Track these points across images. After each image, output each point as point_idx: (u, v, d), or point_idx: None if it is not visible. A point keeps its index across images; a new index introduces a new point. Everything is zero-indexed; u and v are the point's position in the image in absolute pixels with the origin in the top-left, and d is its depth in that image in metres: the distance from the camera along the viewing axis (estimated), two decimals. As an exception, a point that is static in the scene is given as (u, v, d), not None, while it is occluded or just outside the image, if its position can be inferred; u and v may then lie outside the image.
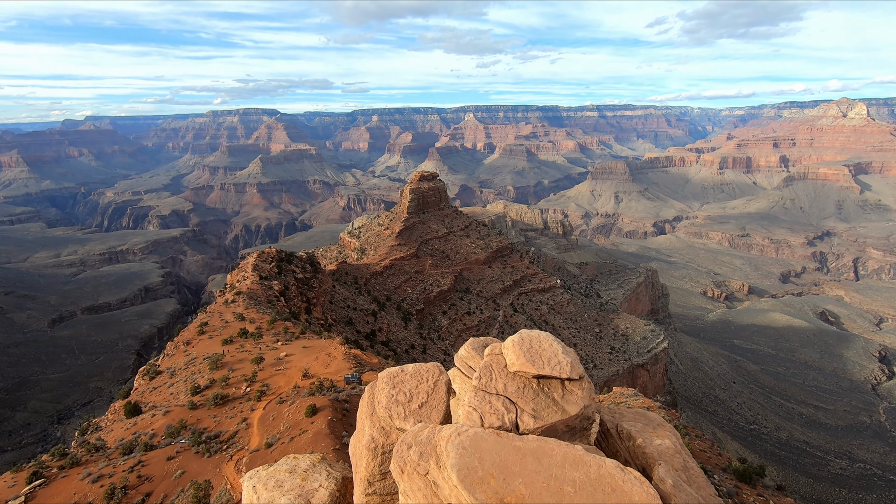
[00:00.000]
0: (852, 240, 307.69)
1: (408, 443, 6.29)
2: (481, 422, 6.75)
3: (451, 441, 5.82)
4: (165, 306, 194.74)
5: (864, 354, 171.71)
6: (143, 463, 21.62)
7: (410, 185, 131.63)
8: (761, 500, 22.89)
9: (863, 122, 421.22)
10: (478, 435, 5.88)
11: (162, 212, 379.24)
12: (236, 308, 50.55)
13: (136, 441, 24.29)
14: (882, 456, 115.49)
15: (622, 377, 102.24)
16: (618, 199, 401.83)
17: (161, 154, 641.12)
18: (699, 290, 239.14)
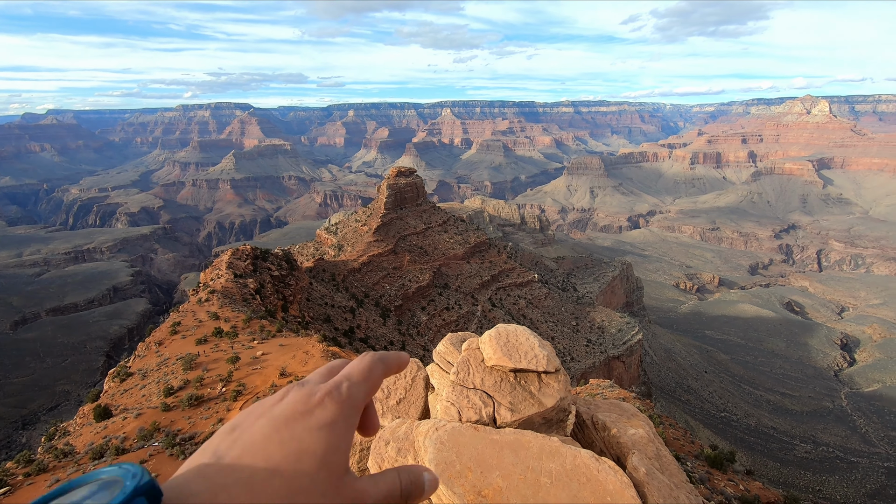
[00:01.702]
0: (816, 232, 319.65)
1: (385, 439, 6.29)
2: (459, 416, 6.79)
3: (429, 436, 5.84)
4: (136, 306, 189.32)
5: (827, 342, 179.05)
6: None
7: (388, 180, 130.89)
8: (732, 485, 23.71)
9: (825, 119, 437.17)
10: (455, 429, 5.91)
11: (130, 209, 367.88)
12: (210, 307, 49.50)
13: (107, 445, 23.61)
14: (843, 439, 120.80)
15: (599, 369, 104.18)
16: (593, 194, 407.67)
17: (128, 149, 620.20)
18: (672, 282, 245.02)
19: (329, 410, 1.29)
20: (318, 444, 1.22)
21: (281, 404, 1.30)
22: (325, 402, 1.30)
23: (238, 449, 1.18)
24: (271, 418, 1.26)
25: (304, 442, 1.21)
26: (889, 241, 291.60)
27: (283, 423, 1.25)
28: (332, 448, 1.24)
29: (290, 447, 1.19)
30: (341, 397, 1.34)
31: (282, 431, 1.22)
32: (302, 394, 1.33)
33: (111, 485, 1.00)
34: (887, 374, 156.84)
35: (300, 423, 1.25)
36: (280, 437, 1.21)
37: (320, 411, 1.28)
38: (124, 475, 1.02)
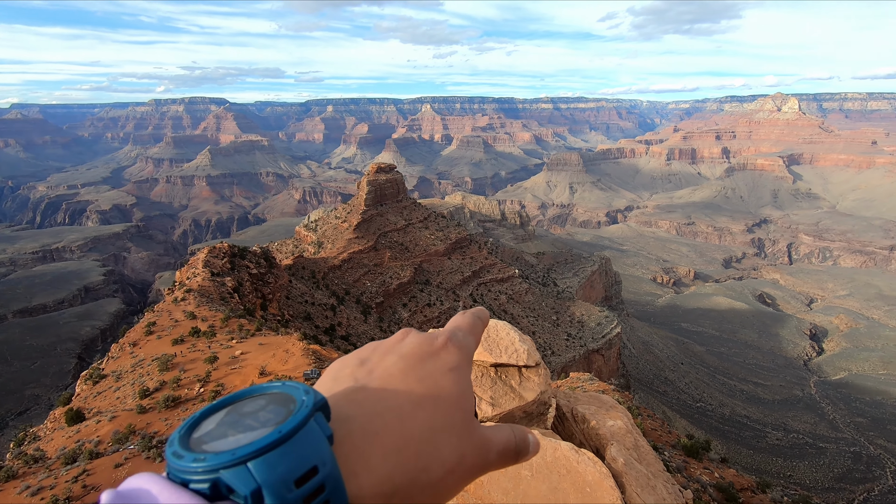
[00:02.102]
0: (786, 226, 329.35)
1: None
2: (441, 412, 6.80)
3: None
4: (108, 306, 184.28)
5: (797, 333, 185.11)
6: (88, 472, 20.49)
7: (367, 176, 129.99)
8: (707, 473, 24.38)
9: (795, 116, 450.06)
10: (437, 425, 5.92)
11: (101, 206, 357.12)
12: (187, 306, 48.52)
13: (80, 449, 22.99)
14: (812, 426, 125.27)
15: (579, 362, 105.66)
16: (572, 189, 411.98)
17: (98, 145, 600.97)
18: (649, 276, 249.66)
19: (453, 354, 1.32)
20: (451, 386, 1.24)
21: (404, 344, 1.33)
22: (449, 346, 1.33)
23: (378, 380, 1.20)
24: (402, 356, 1.27)
25: (439, 381, 1.23)
26: (854, 234, 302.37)
27: (416, 360, 1.26)
28: (462, 391, 1.27)
29: (428, 384, 1.22)
30: (460, 343, 1.37)
31: (417, 369, 1.24)
32: (423, 337, 1.36)
33: (283, 399, 1.02)
34: (853, 363, 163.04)
35: (431, 363, 1.27)
36: (417, 374, 1.23)
37: (446, 354, 1.30)
38: (293, 391, 1.03)
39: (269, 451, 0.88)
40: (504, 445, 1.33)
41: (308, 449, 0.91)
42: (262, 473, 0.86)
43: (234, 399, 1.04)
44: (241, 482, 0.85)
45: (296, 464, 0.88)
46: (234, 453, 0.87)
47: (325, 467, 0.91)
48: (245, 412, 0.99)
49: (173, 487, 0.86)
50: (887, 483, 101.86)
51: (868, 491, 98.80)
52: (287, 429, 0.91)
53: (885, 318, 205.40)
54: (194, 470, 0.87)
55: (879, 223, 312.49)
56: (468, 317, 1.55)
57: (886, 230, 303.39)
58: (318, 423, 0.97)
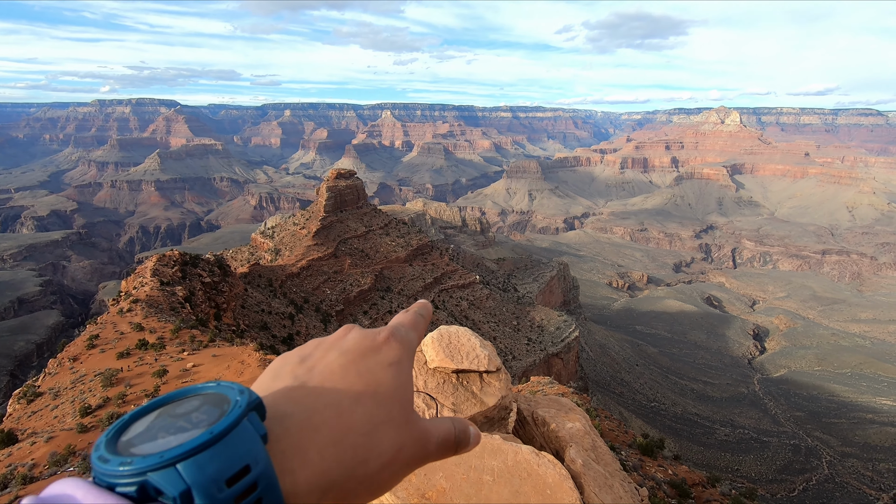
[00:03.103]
0: (730, 232, 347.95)
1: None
2: (402, 420, 6.74)
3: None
4: (45, 319, 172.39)
5: (742, 333, 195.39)
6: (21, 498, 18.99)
7: (327, 182, 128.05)
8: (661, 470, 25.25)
9: (736, 129, 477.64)
10: (398, 433, 5.86)
11: (38, 212, 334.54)
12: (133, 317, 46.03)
13: (12, 474, 21.29)
14: (756, 421, 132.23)
15: (539, 366, 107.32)
16: (531, 196, 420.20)
17: (35, 147, 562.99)
18: (605, 281, 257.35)
19: (395, 349, 1.33)
20: (391, 380, 1.26)
21: (346, 340, 1.34)
22: (391, 342, 1.35)
23: (318, 377, 1.21)
24: (343, 352, 1.29)
25: (379, 376, 1.25)
26: (791, 239, 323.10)
27: (357, 356, 1.27)
28: (402, 385, 1.29)
29: (367, 379, 1.23)
30: (402, 338, 1.39)
31: (358, 364, 1.26)
32: (365, 333, 1.38)
33: (217, 400, 1.00)
34: (792, 360, 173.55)
35: (371, 359, 1.28)
36: (357, 369, 1.24)
37: (387, 349, 1.32)
38: (227, 391, 1.02)
39: (198, 452, 0.87)
40: (444, 437, 1.36)
41: (240, 449, 0.90)
42: (192, 474, 0.84)
43: (167, 400, 1.02)
44: (169, 484, 0.83)
45: (227, 464, 0.88)
46: (163, 456, 0.85)
47: (258, 466, 0.91)
48: (177, 414, 0.97)
49: (99, 491, 0.84)
50: (824, 473, 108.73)
51: (807, 481, 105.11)
52: (219, 430, 0.90)
53: (819, 317, 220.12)
54: (121, 473, 0.85)
55: (813, 229, 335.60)
56: (410, 314, 1.57)
57: (819, 235, 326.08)
58: (252, 423, 0.96)
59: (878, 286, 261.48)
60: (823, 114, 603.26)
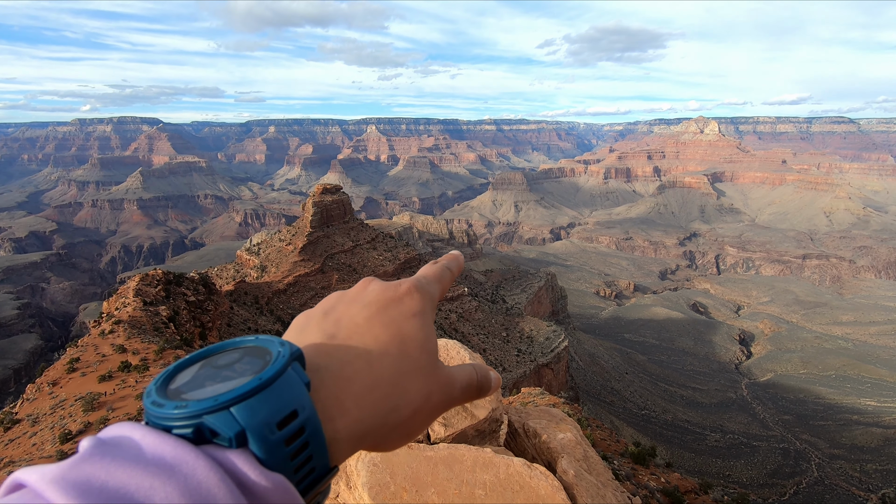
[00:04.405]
0: (713, 239, 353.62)
1: (316, 467, 6.02)
2: (393, 436, 6.66)
3: (362, 459, 5.69)
4: (23, 343, 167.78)
5: (728, 338, 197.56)
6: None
7: (313, 198, 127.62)
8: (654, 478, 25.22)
9: (715, 138, 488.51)
10: (389, 450, 5.80)
11: (16, 234, 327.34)
12: (116, 339, 45.00)
13: (-12, 506, 20.47)
14: (745, 426, 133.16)
15: (529, 377, 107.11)
16: (517, 208, 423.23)
17: (13, 167, 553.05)
18: (593, 290, 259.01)
19: (416, 300, 1.34)
20: (416, 330, 1.28)
21: (368, 293, 1.35)
22: (413, 292, 1.36)
23: (345, 330, 1.23)
24: (366, 304, 1.30)
25: (403, 327, 1.27)
26: (772, 245, 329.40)
27: (380, 307, 1.29)
28: (426, 334, 1.30)
29: (393, 330, 1.25)
30: (423, 289, 1.40)
31: (381, 315, 1.27)
32: (387, 285, 1.39)
33: (258, 352, 1.05)
34: (778, 364, 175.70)
35: (395, 309, 1.30)
36: (381, 321, 1.26)
37: (409, 300, 1.33)
38: (268, 344, 1.07)
39: (250, 396, 0.91)
40: (467, 382, 1.40)
41: (288, 395, 0.95)
42: (246, 417, 0.90)
43: (208, 353, 1.07)
44: (225, 425, 0.88)
45: (277, 408, 0.93)
46: (217, 399, 0.90)
47: (305, 411, 0.97)
48: (220, 364, 1.03)
49: (157, 432, 0.87)
50: (813, 475, 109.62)
51: (797, 484, 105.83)
52: (267, 376, 0.95)
53: (803, 321, 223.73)
54: (177, 416, 0.89)
55: (793, 234, 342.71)
56: (438, 266, 1.59)
57: (799, 241, 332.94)
58: (296, 372, 1.01)
59: (857, 289, 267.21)
60: (798, 122, 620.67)
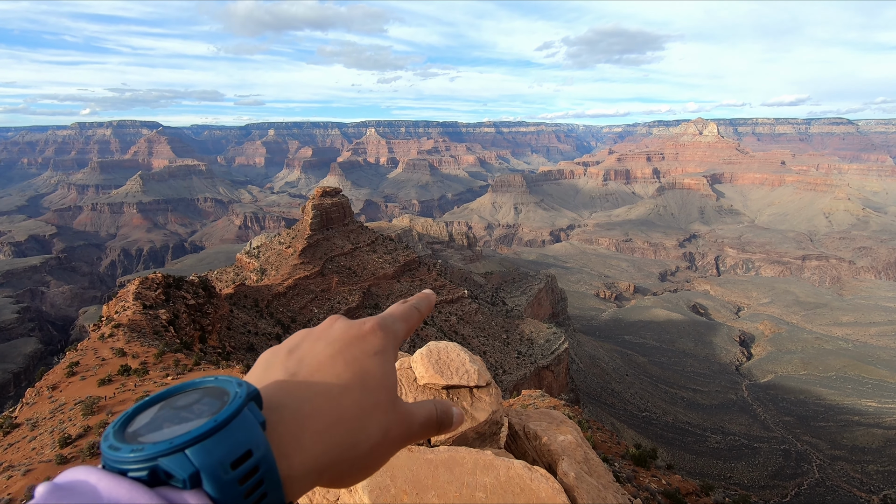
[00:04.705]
0: (713, 240, 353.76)
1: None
2: (393, 439, 6.65)
3: (362, 462, 5.67)
4: (23, 347, 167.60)
5: (728, 340, 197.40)
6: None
7: (312, 200, 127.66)
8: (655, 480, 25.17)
9: (714, 139, 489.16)
10: (389, 452, 5.79)
11: (16, 237, 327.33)
12: (115, 342, 44.97)
13: (-13, 510, 20.45)
14: (746, 427, 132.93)
15: (530, 380, 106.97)
16: (517, 210, 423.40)
17: (13, 171, 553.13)
18: (592, 292, 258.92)
19: (379, 338, 1.40)
20: (377, 367, 1.35)
21: (332, 330, 1.41)
22: (376, 331, 1.42)
23: (308, 367, 1.29)
24: (330, 342, 1.36)
25: (365, 364, 1.33)
26: (772, 246, 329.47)
27: (343, 346, 1.35)
28: (387, 372, 1.37)
29: (355, 367, 1.31)
30: (387, 328, 1.46)
31: (345, 353, 1.34)
32: (351, 323, 1.45)
33: (217, 392, 1.08)
34: (779, 366, 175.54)
35: (358, 347, 1.36)
36: (344, 358, 1.32)
37: (372, 338, 1.39)
38: (226, 385, 1.10)
39: (205, 438, 0.95)
40: (426, 417, 1.46)
41: (242, 435, 0.99)
42: (200, 458, 0.93)
43: (168, 394, 1.10)
44: (179, 467, 0.91)
45: (231, 448, 0.96)
46: (172, 442, 0.93)
47: (259, 450, 1.00)
48: (179, 406, 1.06)
49: (112, 476, 0.89)
50: (815, 477, 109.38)
51: (798, 486, 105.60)
52: (222, 417, 0.98)
53: (803, 322, 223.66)
54: (133, 459, 0.91)
55: (793, 235, 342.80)
56: (405, 306, 1.63)
57: (798, 241, 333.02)
58: (252, 412, 1.05)
59: (857, 290, 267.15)
60: (797, 123, 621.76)
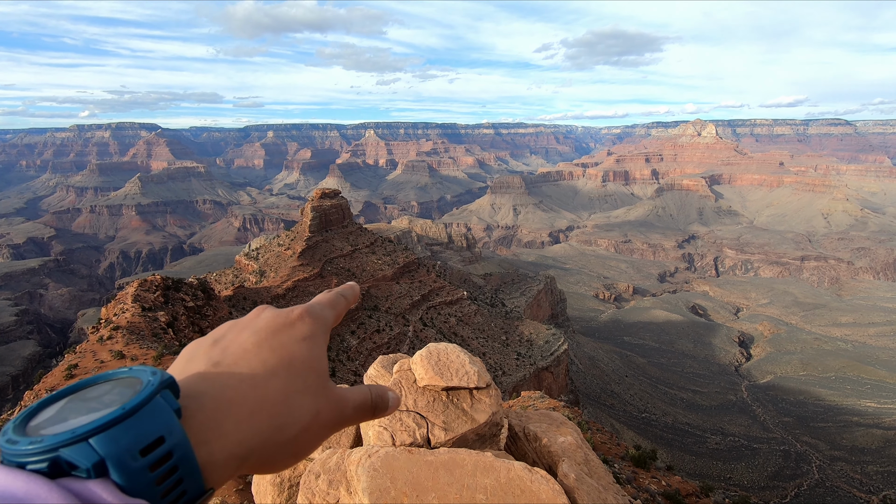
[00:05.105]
0: (712, 241, 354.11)
1: (315, 472, 6.00)
2: (393, 440, 6.66)
3: (362, 464, 5.66)
4: (21, 350, 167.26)
5: (727, 340, 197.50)
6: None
7: (312, 202, 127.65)
8: (655, 482, 25.15)
9: (713, 140, 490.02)
10: (389, 454, 5.79)
11: (14, 240, 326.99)
12: (114, 345, 44.87)
13: (-15, 514, 20.31)
14: (746, 428, 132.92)
15: (529, 381, 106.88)
16: (516, 211, 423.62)
17: (11, 174, 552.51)
18: (592, 293, 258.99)
19: (307, 324, 1.43)
20: (305, 352, 1.37)
21: (260, 319, 1.42)
22: (304, 317, 1.44)
23: (232, 356, 1.29)
24: (256, 330, 1.37)
25: (293, 349, 1.35)
26: (771, 246, 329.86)
27: (270, 333, 1.36)
28: (316, 356, 1.39)
29: (282, 353, 1.33)
30: (316, 315, 1.49)
31: (271, 340, 1.35)
32: (279, 312, 1.46)
33: (129, 382, 1.05)
34: (778, 366, 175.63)
35: (285, 334, 1.37)
36: (270, 345, 1.33)
37: (300, 324, 1.42)
38: (140, 374, 1.07)
39: (111, 426, 0.91)
40: (360, 401, 1.48)
41: (153, 422, 0.95)
42: (105, 447, 0.89)
43: (77, 388, 1.06)
44: (81, 456, 0.87)
45: (140, 435, 0.92)
46: (74, 432, 0.90)
47: (172, 437, 0.97)
48: (89, 398, 1.02)
49: (8, 469, 0.86)
50: (814, 477, 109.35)
51: (798, 486, 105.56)
52: (131, 405, 0.95)
53: (802, 322, 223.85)
54: (31, 451, 0.88)
55: (791, 236, 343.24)
56: (332, 293, 1.68)
57: (797, 242, 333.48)
58: (165, 399, 1.02)
59: (856, 290, 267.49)
60: (795, 125, 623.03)
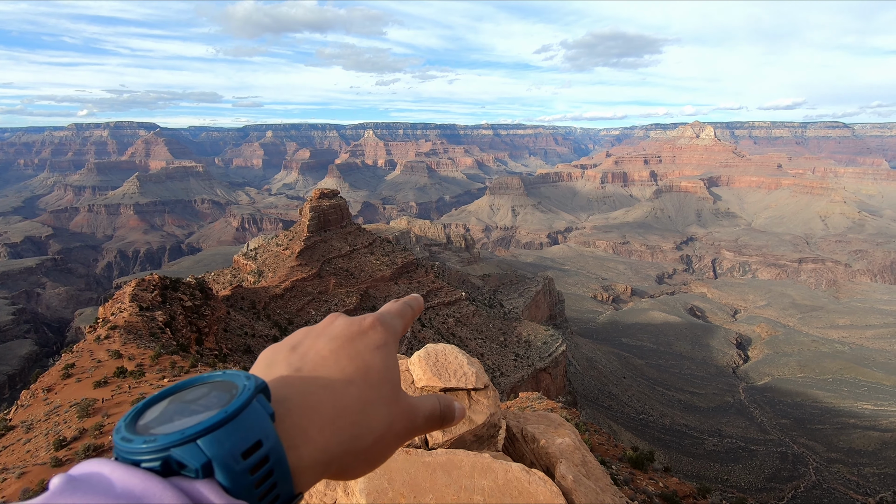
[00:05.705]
0: (710, 243, 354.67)
1: (313, 473, 5.98)
2: (390, 441, 6.63)
3: (360, 465, 5.64)
4: (18, 349, 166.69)
5: (725, 342, 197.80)
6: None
7: (310, 202, 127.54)
8: (652, 483, 25.17)
9: (711, 142, 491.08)
10: (387, 455, 5.77)
11: (11, 239, 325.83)
12: (111, 344, 44.74)
13: (-19, 514, 20.26)
14: (743, 430, 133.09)
15: (527, 382, 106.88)
16: (515, 212, 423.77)
17: (9, 172, 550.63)
18: (590, 294, 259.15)
19: (380, 333, 1.45)
20: (379, 361, 1.39)
21: (334, 327, 1.45)
22: (376, 326, 1.46)
23: (311, 363, 1.33)
24: (332, 338, 1.41)
25: (367, 358, 1.37)
26: (769, 248, 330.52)
27: (345, 341, 1.39)
28: (389, 366, 1.41)
29: (358, 362, 1.36)
30: (387, 324, 1.50)
31: (347, 348, 1.38)
32: (352, 320, 1.50)
33: (225, 386, 1.13)
34: (775, 368, 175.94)
35: (360, 342, 1.40)
36: (347, 353, 1.37)
37: (373, 333, 1.44)
38: (235, 378, 1.14)
39: (216, 429, 0.98)
40: (430, 411, 1.49)
41: (252, 426, 1.03)
42: (211, 448, 0.96)
43: (177, 389, 1.15)
44: (191, 457, 0.95)
45: (242, 439, 1.00)
46: (184, 433, 0.97)
47: (269, 441, 1.04)
48: (188, 399, 1.09)
49: (125, 467, 0.92)
50: (811, 479, 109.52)
51: (795, 488, 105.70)
52: (232, 409, 1.02)
53: (799, 324, 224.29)
54: (145, 450, 0.95)
55: (789, 238, 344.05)
56: (399, 303, 1.69)
57: (795, 244, 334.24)
58: (261, 404, 1.09)
59: (853, 292, 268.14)
60: (793, 127, 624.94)
